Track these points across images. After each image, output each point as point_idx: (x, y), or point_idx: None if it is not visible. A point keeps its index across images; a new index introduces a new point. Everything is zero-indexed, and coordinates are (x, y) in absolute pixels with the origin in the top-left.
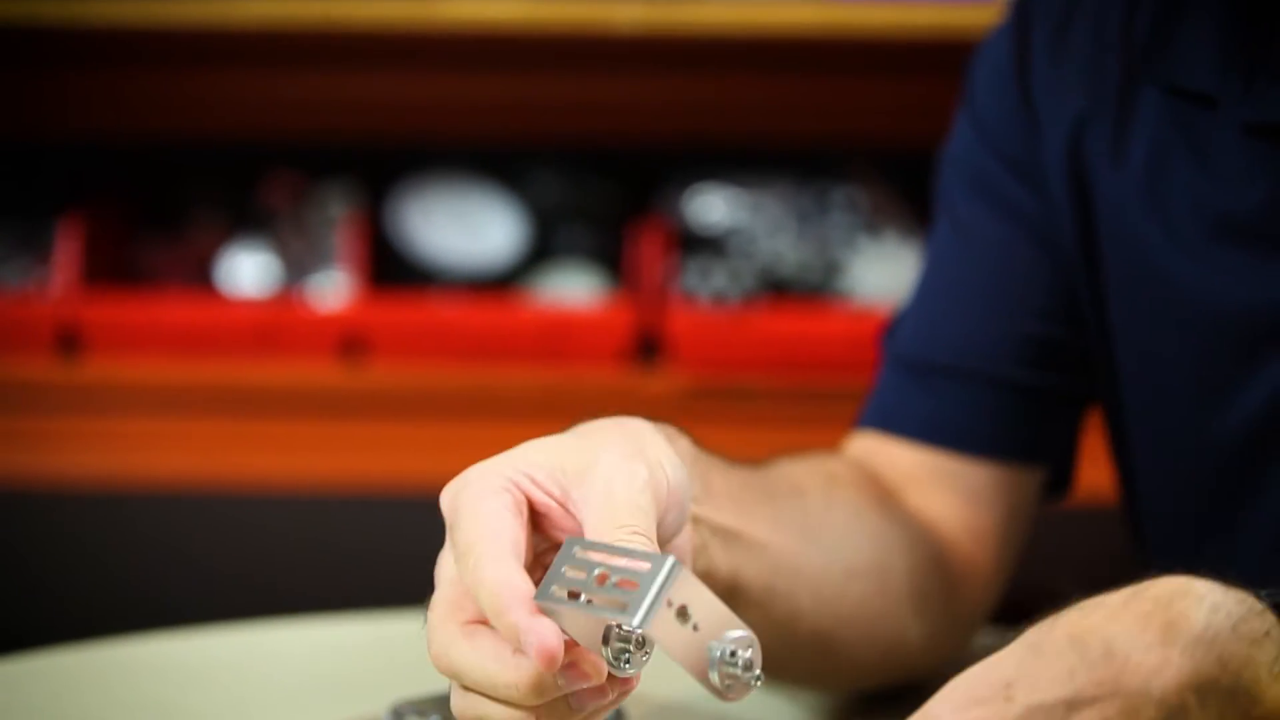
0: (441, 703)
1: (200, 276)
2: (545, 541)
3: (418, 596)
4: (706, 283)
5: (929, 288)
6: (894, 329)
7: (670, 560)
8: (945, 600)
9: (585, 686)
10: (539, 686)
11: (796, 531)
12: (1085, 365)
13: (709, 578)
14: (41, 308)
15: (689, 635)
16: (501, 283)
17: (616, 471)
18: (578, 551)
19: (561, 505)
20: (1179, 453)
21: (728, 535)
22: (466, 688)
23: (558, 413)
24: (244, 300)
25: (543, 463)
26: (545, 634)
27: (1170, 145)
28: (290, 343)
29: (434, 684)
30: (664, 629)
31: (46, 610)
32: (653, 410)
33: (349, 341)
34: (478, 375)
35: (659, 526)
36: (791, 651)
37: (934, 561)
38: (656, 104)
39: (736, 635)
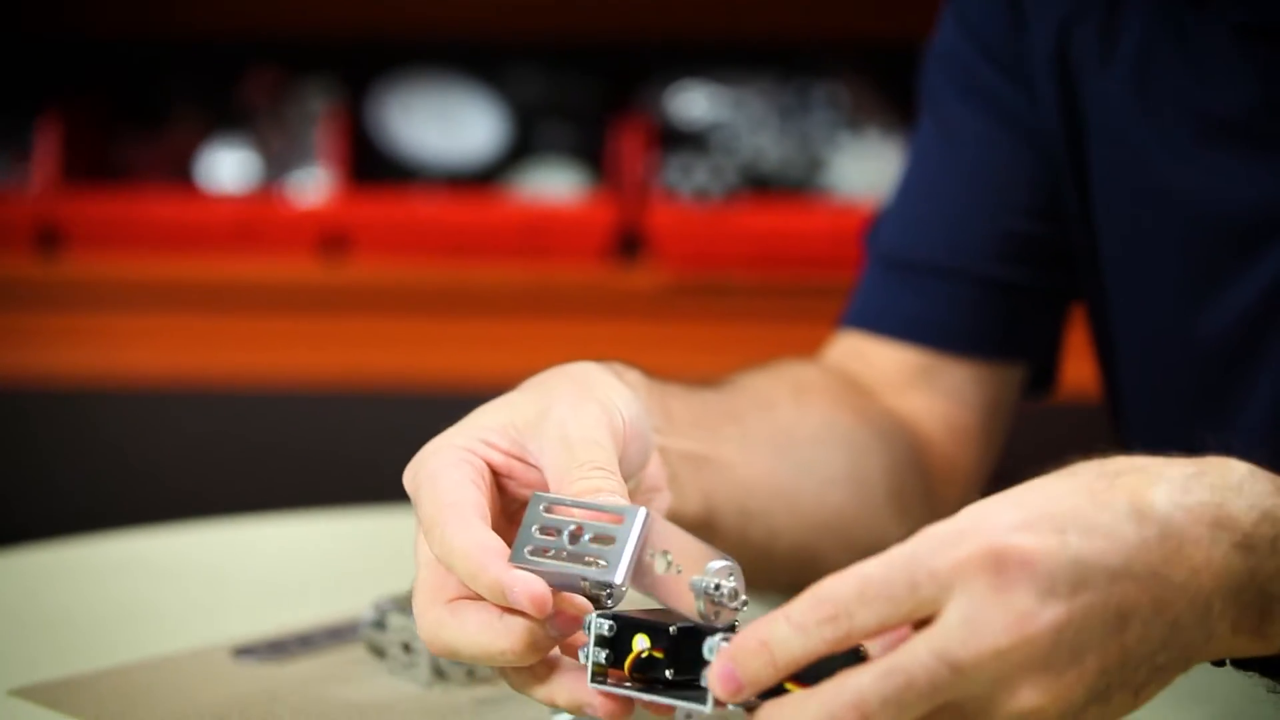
0: None
1: (180, 173)
2: (515, 502)
3: (398, 493)
4: (688, 179)
5: (912, 185)
6: (877, 227)
7: (641, 512)
8: (924, 499)
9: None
10: (533, 644)
11: (767, 448)
12: (1069, 263)
13: (683, 507)
14: (21, 204)
15: (671, 577)
16: (482, 179)
17: (569, 414)
18: (545, 509)
19: (521, 460)
20: (1163, 353)
21: (696, 461)
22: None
23: (538, 309)
24: (224, 197)
25: (494, 424)
26: (530, 582)
27: (1159, 45)
28: (270, 239)
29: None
30: (645, 578)
31: (23, 507)
32: (634, 307)
33: (329, 238)
34: (458, 272)
35: (621, 463)
36: (773, 567)
37: (912, 461)
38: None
39: (717, 566)
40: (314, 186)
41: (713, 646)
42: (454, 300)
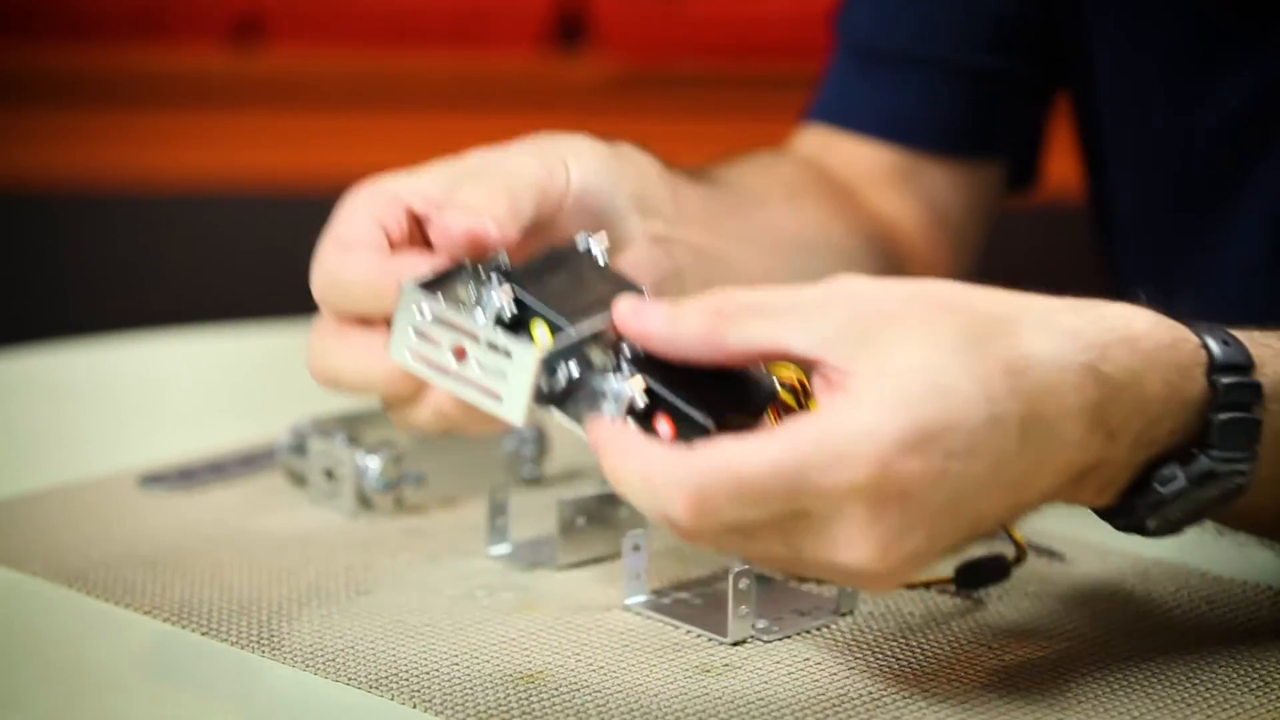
0: (347, 421)
1: None
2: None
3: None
4: None
5: None
6: (846, 12)
7: (532, 354)
8: None
9: None
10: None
11: (762, 247)
12: (1053, 50)
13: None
14: None
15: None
16: None
17: (496, 156)
18: (426, 309)
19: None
20: (1153, 150)
21: (703, 257)
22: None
23: (467, 103)
24: None
25: (433, 171)
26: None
27: None
28: (174, 25)
29: (339, 402)
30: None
31: None
32: (574, 101)
33: (241, 22)
34: (384, 60)
35: (551, 226)
36: None
37: (894, 268)
38: None
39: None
40: None
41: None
42: (379, 91)
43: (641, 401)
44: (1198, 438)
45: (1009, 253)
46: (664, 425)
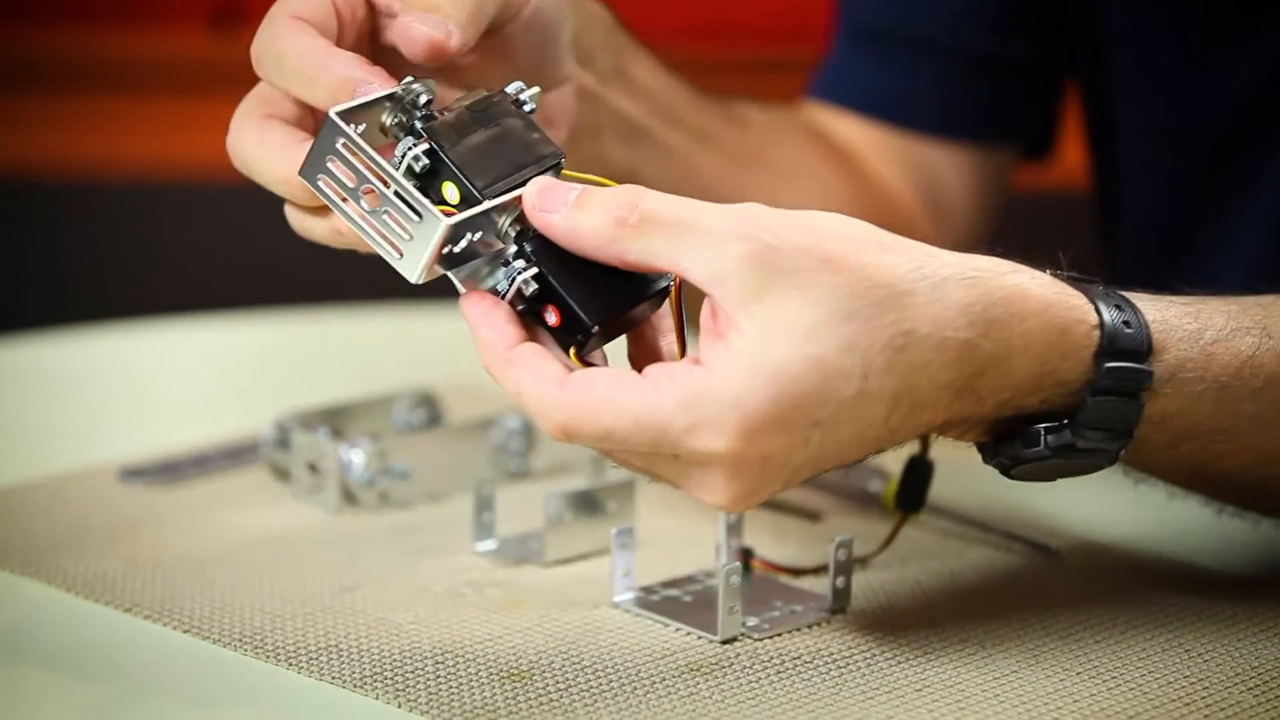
0: (331, 414)
1: None
2: (384, 51)
3: (303, 297)
4: None
5: None
6: None
7: (440, 224)
8: None
9: None
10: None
11: (727, 154)
12: (1062, 32)
13: (596, 164)
14: None
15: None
16: None
17: None
18: (342, 147)
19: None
20: (1166, 131)
21: (633, 130)
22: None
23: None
24: None
25: None
26: (355, 67)
27: None
28: (153, 9)
29: (324, 395)
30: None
31: None
32: None
33: (220, 7)
34: None
35: (500, 36)
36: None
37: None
38: None
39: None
40: None
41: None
42: None
43: (529, 290)
44: (1072, 411)
45: (1012, 239)
46: (550, 315)
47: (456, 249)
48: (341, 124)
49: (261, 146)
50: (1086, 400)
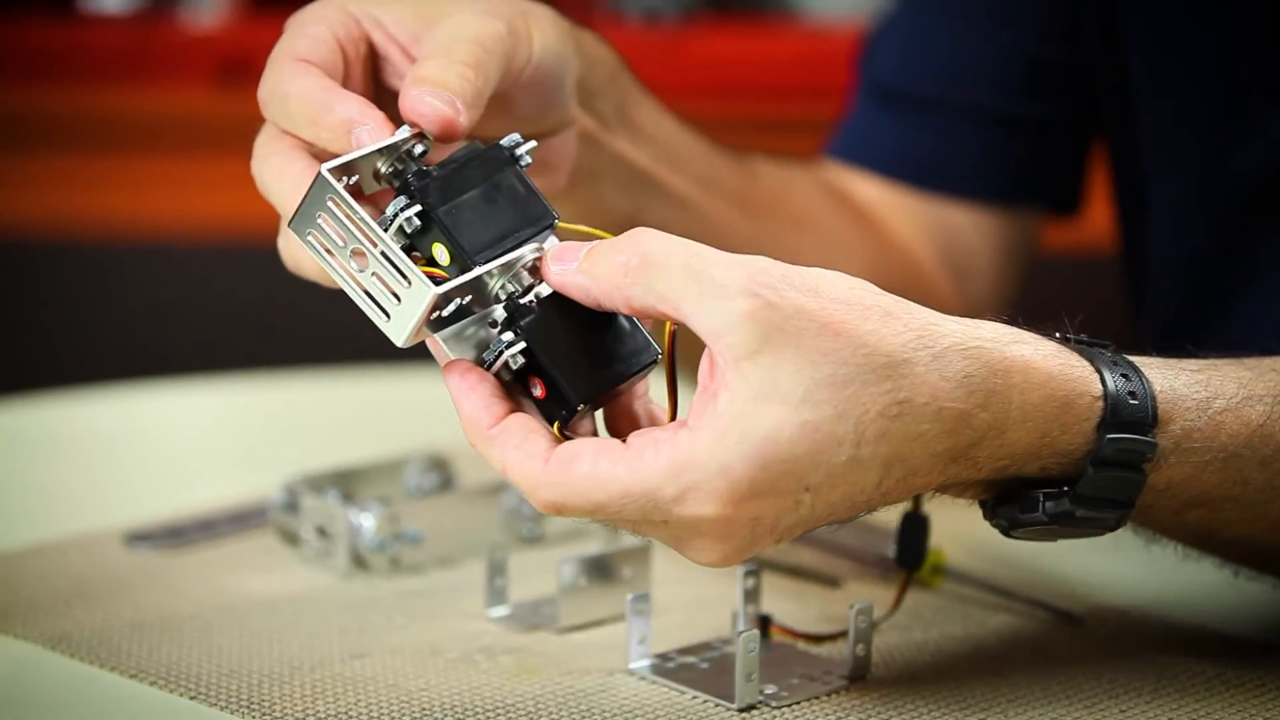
0: (341, 478)
1: None
2: (385, 91)
3: (313, 357)
4: None
5: (913, 4)
6: (870, 52)
7: (429, 292)
8: None
9: None
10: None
11: (736, 203)
12: (1088, 91)
13: (597, 208)
14: None
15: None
16: None
17: (467, 18)
18: (332, 204)
19: (404, 51)
20: (1198, 192)
21: (637, 176)
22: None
23: None
24: (104, 18)
25: (397, 8)
26: (364, 111)
27: None
28: (160, 67)
29: (333, 458)
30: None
31: None
32: None
33: (229, 62)
34: None
35: (511, 103)
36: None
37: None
38: None
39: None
40: (211, 5)
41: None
42: None
43: (516, 364)
44: (1073, 479)
45: (1039, 303)
46: (536, 388)
47: (445, 313)
48: (332, 181)
49: (281, 177)
50: (1087, 470)
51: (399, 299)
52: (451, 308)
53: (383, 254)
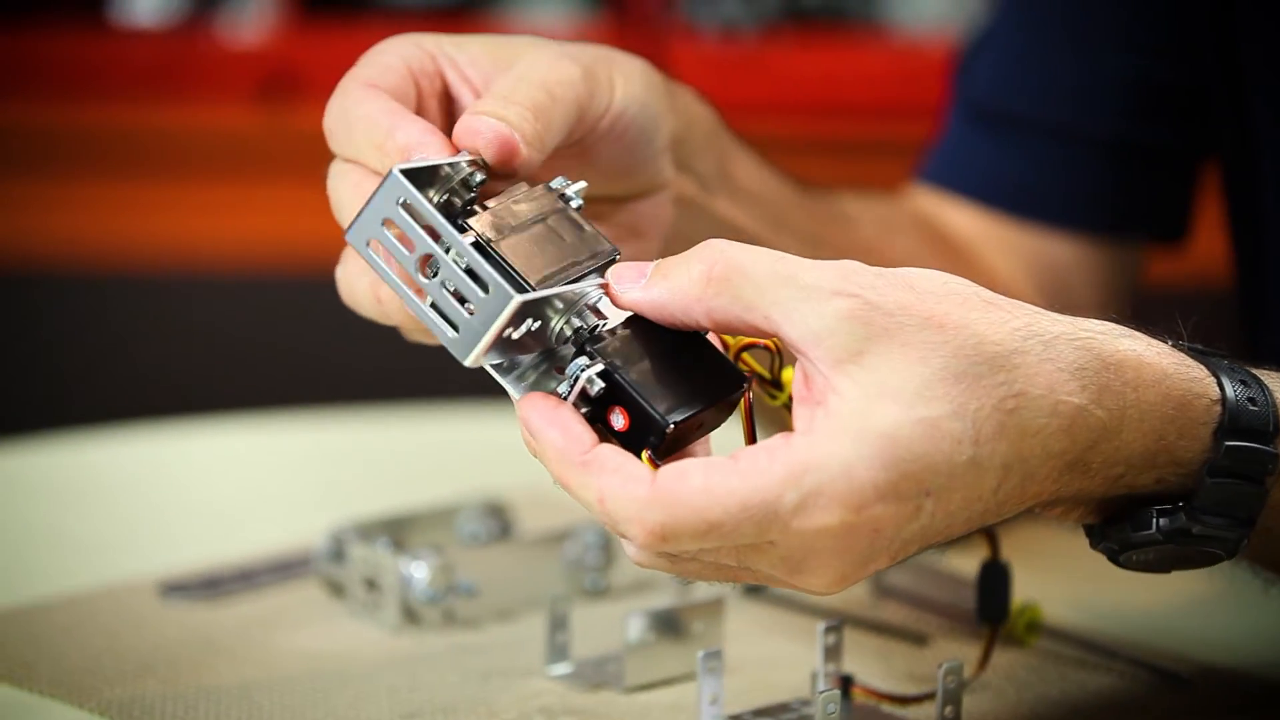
0: (391, 525)
1: (87, 4)
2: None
3: (362, 394)
4: (713, 7)
5: (1011, 18)
6: (966, 68)
7: (513, 297)
8: None
9: None
10: None
11: (838, 257)
12: (1201, 114)
13: None
14: None
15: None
16: (459, 7)
17: (539, 61)
18: (402, 208)
19: (476, 92)
20: None
21: (738, 238)
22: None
23: None
24: (139, 32)
25: (473, 46)
26: (427, 133)
27: None
28: (199, 82)
29: (383, 503)
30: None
31: None
32: None
33: (271, 78)
34: None
35: (595, 157)
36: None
37: None
38: None
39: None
40: (251, 18)
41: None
42: None
43: (595, 389)
44: (1189, 493)
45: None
46: (618, 418)
47: (515, 335)
48: (405, 182)
49: (359, 194)
50: (1204, 481)
51: (472, 310)
52: (521, 331)
53: (457, 258)
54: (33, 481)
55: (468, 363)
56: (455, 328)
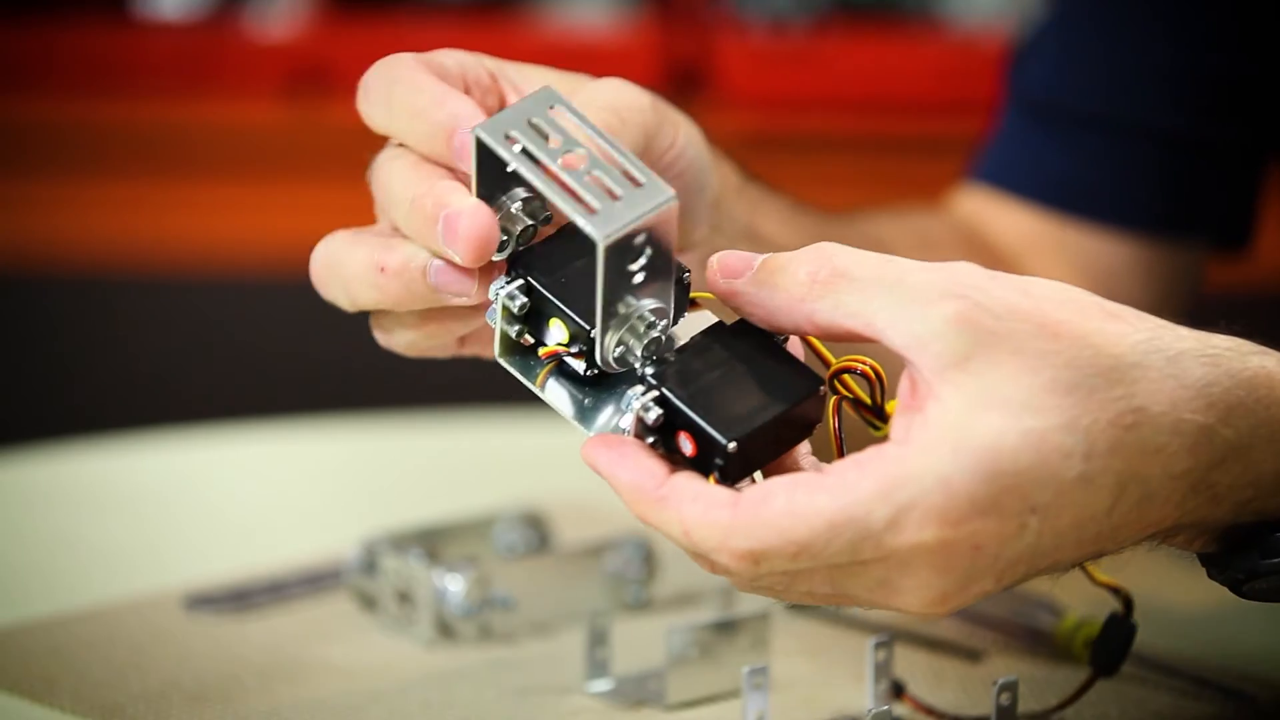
0: (425, 536)
1: None
2: None
3: (391, 401)
4: (763, 2)
5: (1068, 12)
6: (1021, 63)
7: (669, 195)
8: None
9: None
10: (411, 277)
11: None
12: (1267, 110)
13: None
14: None
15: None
16: (498, 1)
17: (609, 84)
18: (554, 112)
19: None
20: None
21: None
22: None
23: None
24: (165, 26)
25: (534, 74)
26: (478, 215)
27: None
28: (225, 78)
29: (416, 513)
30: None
31: None
32: None
33: (300, 75)
34: None
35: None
36: None
37: None
38: None
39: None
40: (281, 10)
41: (631, 399)
42: None
43: (651, 417)
44: None
45: None
46: (686, 443)
47: (637, 267)
48: (558, 92)
49: (416, 173)
50: None
51: (619, 196)
52: (640, 269)
53: (620, 166)
54: (54, 490)
55: (602, 241)
56: (596, 210)
